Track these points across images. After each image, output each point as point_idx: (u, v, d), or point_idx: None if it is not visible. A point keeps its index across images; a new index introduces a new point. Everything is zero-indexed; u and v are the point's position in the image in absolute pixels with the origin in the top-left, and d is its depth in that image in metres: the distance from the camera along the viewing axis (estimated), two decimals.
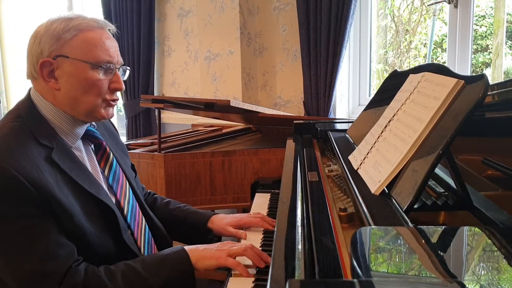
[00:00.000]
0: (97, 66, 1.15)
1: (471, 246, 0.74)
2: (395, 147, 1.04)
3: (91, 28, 1.15)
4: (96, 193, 1.14)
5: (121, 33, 3.43)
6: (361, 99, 2.92)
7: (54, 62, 1.13)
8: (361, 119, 1.59)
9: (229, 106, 2.13)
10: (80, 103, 1.16)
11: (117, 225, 1.17)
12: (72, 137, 1.18)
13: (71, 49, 1.13)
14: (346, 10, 2.49)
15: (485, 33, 2.72)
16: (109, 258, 1.14)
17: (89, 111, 1.18)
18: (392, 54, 2.97)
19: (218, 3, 2.93)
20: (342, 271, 0.76)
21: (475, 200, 0.94)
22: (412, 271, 0.66)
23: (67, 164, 1.12)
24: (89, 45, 1.14)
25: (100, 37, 1.16)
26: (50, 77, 1.14)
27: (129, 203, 1.28)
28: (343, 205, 1.05)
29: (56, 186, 1.05)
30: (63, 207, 1.05)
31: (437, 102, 0.98)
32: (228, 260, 1.16)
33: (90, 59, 1.14)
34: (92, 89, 1.16)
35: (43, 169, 1.05)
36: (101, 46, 1.16)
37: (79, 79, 1.14)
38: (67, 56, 1.13)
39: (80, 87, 1.15)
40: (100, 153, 1.28)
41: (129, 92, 3.51)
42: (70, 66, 1.13)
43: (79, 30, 1.14)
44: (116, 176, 1.29)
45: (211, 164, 2.21)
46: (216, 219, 1.45)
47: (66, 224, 1.06)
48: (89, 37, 1.15)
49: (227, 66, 2.98)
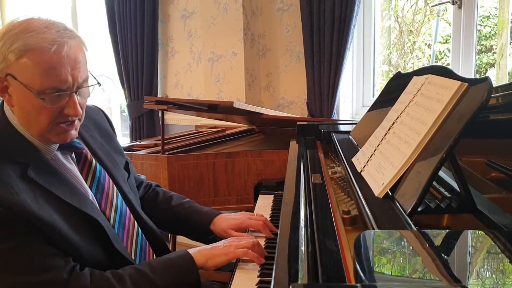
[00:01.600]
0: (41, 94, 1.03)
1: (475, 250, 0.74)
2: (398, 150, 1.04)
3: (40, 49, 1.01)
4: (79, 205, 1.10)
5: (125, 34, 3.44)
6: (364, 100, 2.92)
7: (5, 79, 1.05)
8: (364, 121, 1.58)
9: (232, 107, 2.14)
10: (31, 126, 1.10)
11: (105, 235, 1.15)
12: (47, 150, 1.14)
13: (17, 71, 1.03)
14: (349, 11, 2.49)
15: (489, 33, 2.70)
16: (103, 267, 1.12)
17: (40, 134, 1.10)
18: (396, 55, 2.97)
19: (221, 5, 2.94)
20: (346, 274, 0.76)
21: (479, 203, 0.94)
22: (416, 275, 0.65)
23: (46, 179, 1.07)
24: (34, 71, 1.02)
25: (49, 61, 1.02)
26: (4, 92, 1.07)
27: (116, 211, 1.25)
28: (346, 208, 1.05)
29: (35, 203, 1.02)
30: (45, 222, 1.02)
31: (440, 105, 0.98)
32: (237, 251, 1.18)
33: (34, 87, 1.03)
34: (40, 115, 1.06)
35: (18, 189, 1.01)
36: (48, 72, 1.02)
37: (26, 104, 1.06)
38: (15, 78, 1.04)
39: (28, 111, 1.07)
40: (82, 162, 1.23)
41: (133, 93, 3.52)
42: (19, 88, 1.04)
43: (24, 51, 1.01)
44: (100, 184, 1.24)
45: (214, 165, 2.21)
46: (218, 221, 1.44)
47: (53, 237, 1.04)
48: (35, 62, 1.02)
49: (231, 67, 2.98)
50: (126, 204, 1.30)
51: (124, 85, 3.57)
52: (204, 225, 1.44)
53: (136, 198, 1.40)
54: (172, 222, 1.48)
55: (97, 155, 1.29)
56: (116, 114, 4.46)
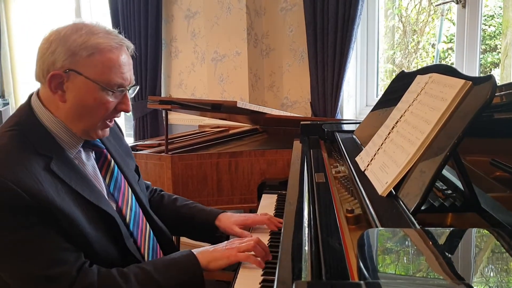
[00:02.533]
0: (108, 89, 1.13)
1: (479, 248, 0.74)
2: (402, 149, 1.03)
3: (110, 48, 1.12)
4: (97, 201, 1.13)
5: (129, 34, 3.44)
6: (368, 100, 2.91)
7: (65, 75, 1.10)
8: (368, 120, 1.58)
9: (236, 107, 2.14)
10: (81, 120, 1.15)
11: (119, 232, 1.17)
12: (71, 147, 1.17)
13: (86, 67, 1.10)
14: (353, 10, 2.49)
15: (494, 33, 2.69)
16: (113, 264, 1.14)
17: (87, 129, 1.17)
18: (400, 55, 2.96)
19: (225, 4, 2.94)
20: (349, 272, 0.76)
21: (483, 201, 0.93)
22: (419, 273, 0.65)
23: (67, 173, 1.11)
24: (105, 67, 1.11)
25: (117, 59, 1.13)
26: (58, 88, 1.12)
27: (131, 210, 1.28)
28: (350, 207, 1.05)
29: (57, 195, 1.05)
30: (65, 214, 1.05)
31: (444, 103, 0.97)
32: (239, 255, 1.18)
33: (103, 81, 1.12)
34: (98, 109, 1.14)
35: (42, 180, 1.04)
36: (116, 69, 1.13)
37: (87, 98, 1.12)
38: (80, 73, 1.10)
39: (87, 105, 1.13)
40: (101, 161, 1.27)
41: (137, 93, 3.51)
42: (81, 83, 1.11)
43: (97, 49, 1.10)
44: (118, 183, 1.28)
45: (218, 165, 2.21)
46: (223, 217, 1.45)
47: (70, 230, 1.06)
48: (106, 59, 1.11)
49: (234, 67, 2.99)
50: (139, 205, 1.33)
51: None
52: (209, 221, 1.46)
53: (146, 199, 1.42)
54: (177, 222, 1.50)
55: (113, 156, 1.32)
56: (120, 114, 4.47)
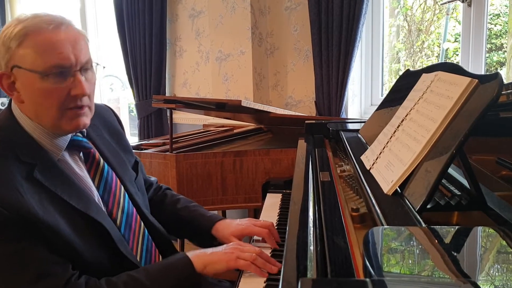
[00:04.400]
0: (45, 74, 1.03)
1: (485, 247, 0.74)
2: (408, 147, 1.03)
3: (38, 30, 1.03)
4: (85, 209, 1.09)
5: (133, 34, 3.45)
6: (373, 99, 2.91)
7: (11, 74, 1.05)
8: (373, 119, 1.58)
9: (240, 106, 2.14)
10: (42, 116, 1.08)
11: (110, 239, 1.13)
12: (55, 150, 1.12)
13: (20, 58, 1.03)
14: (358, 9, 2.48)
15: (500, 31, 2.68)
16: (107, 271, 1.11)
17: (53, 124, 1.09)
18: (405, 54, 2.95)
19: (229, 4, 2.94)
20: (355, 270, 0.76)
21: (489, 200, 0.93)
22: (425, 272, 0.65)
23: (51, 180, 1.06)
24: (36, 51, 1.02)
25: (49, 39, 1.03)
26: (12, 89, 1.07)
27: (123, 212, 1.23)
28: (355, 205, 1.04)
29: (40, 206, 1.01)
30: (50, 226, 1.01)
31: (450, 102, 0.97)
32: (239, 261, 1.13)
33: (38, 68, 1.03)
34: (47, 100, 1.06)
35: (24, 191, 1.00)
36: (50, 50, 1.03)
37: (33, 91, 1.05)
38: (20, 66, 1.03)
39: (36, 99, 1.06)
40: (90, 162, 1.22)
41: (141, 92, 3.53)
42: (23, 76, 1.04)
43: (24, 35, 1.02)
44: (108, 184, 1.22)
45: (222, 164, 2.21)
46: (221, 226, 1.37)
47: (56, 242, 1.02)
48: (35, 42, 1.02)
49: (239, 66, 2.99)
50: (133, 204, 1.28)
51: (133, 84, 3.58)
52: (206, 229, 1.38)
53: (144, 198, 1.37)
54: (176, 224, 1.45)
55: (105, 155, 1.27)
56: (124, 114, 4.49)
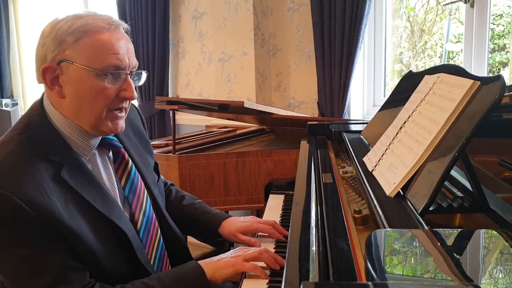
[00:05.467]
0: (102, 73, 1.04)
1: (488, 249, 0.74)
2: (410, 149, 1.03)
3: (98, 29, 1.04)
4: (108, 213, 1.08)
5: (136, 35, 3.46)
6: (376, 100, 2.90)
7: (58, 67, 1.04)
8: (376, 120, 1.58)
9: (243, 107, 2.14)
10: (84, 114, 1.07)
11: (130, 246, 1.13)
12: (85, 150, 1.11)
13: (75, 54, 1.03)
14: (360, 10, 2.48)
15: (502, 32, 2.67)
16: (122, 277, 1.10)
17: (93, 124, 1.09)
18: (408, 55, 2.95)
19: (232, 5, 2.94)
20: (357, 273, 0.76)
21: (492, 202, 0.93)
22: (427, 274, 0.65)
23: (78, 181, 1.05)
24: (94, 49, 1.03)
25: (108, 39, 1.04)
26: (54, 84, 1.06)
27: (144, 215, 1.23)
28: (357, 207, 1.04)
29: (65, 209, 1.00)
30: (72, 231, 1.00)
31: (452, 104, 0.97)
32: (245, 264, 1.14)
33: (95, 65, 1.03)
34: (97, 99, 1.06)
35: (50, 191, 0.99)
36: (108, 49, 1.04)
37: (83, 88, 1.04)
38: (71, 62, 1.03)
39: (85, 96, 1.05)
40: (118, 161, 1.21)
41: (144, 93, 3.54)
42: (74, 72, 1.04)
43: (84, 32, 1.03)
44: (134, 186, 1.23)
45: (225, 165, 2.21)
46: (227, 224, 1.39)
47: (77, 247, 1.02)
48: (94, 40, 1.03)
49: (241, 67, 2.99)
50: (153, 208, 1.28)
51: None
52: (212, 227, 1.41)
53: (163, 201, 1.37)
54: (181, 221, 1.45)
55: (131, 155, 1.26)
56: None
